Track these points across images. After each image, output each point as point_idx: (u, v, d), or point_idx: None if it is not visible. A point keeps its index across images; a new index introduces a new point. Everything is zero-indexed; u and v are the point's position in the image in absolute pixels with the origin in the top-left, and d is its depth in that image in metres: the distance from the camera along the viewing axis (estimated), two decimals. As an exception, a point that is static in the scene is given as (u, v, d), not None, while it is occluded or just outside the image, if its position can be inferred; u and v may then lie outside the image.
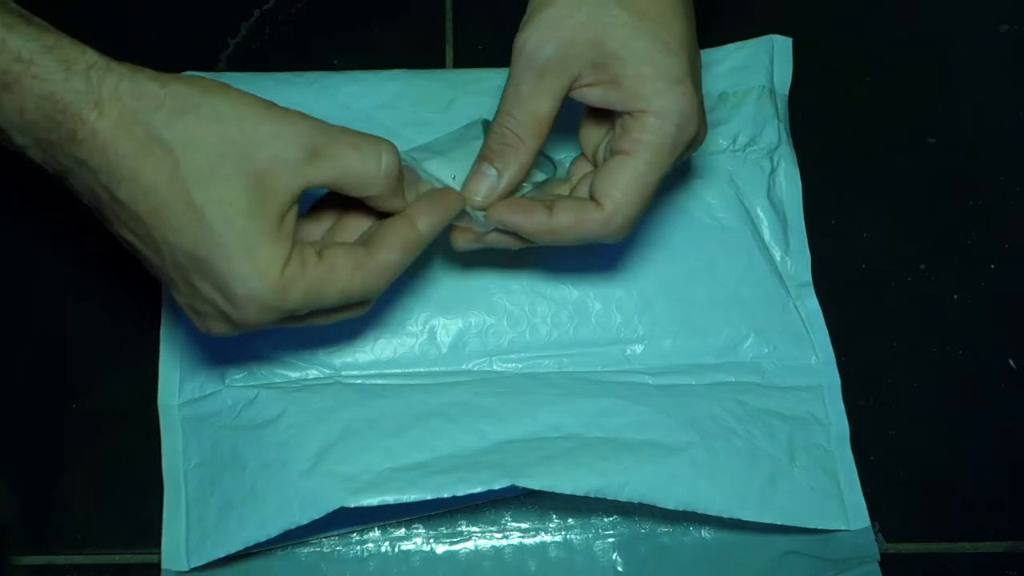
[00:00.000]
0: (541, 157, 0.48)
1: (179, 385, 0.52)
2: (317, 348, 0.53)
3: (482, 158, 0.46)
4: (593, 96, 0.45)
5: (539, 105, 0.45)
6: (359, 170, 0.42)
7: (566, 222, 0.45)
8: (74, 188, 0.41)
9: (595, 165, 0.48)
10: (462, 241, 0.48)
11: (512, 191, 0.47)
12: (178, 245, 0.40)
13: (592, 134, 0.48)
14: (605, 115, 0.47)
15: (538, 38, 0.44)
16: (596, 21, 0.44)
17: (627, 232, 0.46)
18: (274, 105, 0.41)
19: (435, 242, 0.46)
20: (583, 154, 0.49)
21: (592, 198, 0.45)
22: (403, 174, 0.44)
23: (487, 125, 0.48)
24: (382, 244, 0.43)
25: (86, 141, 0.39)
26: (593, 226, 0.45)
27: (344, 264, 0.42)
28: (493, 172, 0.46)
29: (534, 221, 0.45)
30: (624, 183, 0.44)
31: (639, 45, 0.44)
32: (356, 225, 0.46)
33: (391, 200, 0.44)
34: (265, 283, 0.40)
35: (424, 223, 0.44)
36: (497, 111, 0.46)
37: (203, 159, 0.39)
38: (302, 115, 0.41)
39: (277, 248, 0.40)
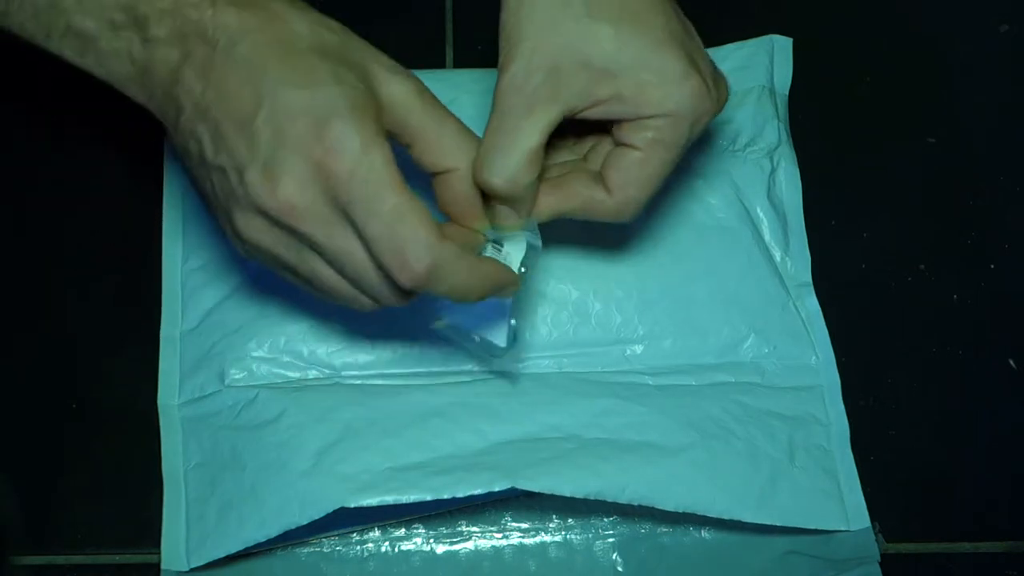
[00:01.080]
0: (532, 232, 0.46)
1: (179, 385, 0.52)
2: (317, 348, 0.53)
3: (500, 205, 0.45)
4: (596, 114, 0.44)
5: (534, 143, 0.43)
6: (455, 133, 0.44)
7: (576, 207, 0.45)
8: (182, 83, 0.40)
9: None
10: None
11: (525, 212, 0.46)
12: (286, 98, 0.39)
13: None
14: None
15: (523, 72, 0.42)
16: (577, 42, 0.42)
17: (635, 218, 0.46)
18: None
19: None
20: None
21: (603, 183, 0.45)
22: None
23: None
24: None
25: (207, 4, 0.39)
26: (603, 211, 0.45)
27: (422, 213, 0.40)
28: (507, 211, 0.45)
29: (549, 205, 0.45)
30: (639, 179, 0.44)
31: (629, 54, 0.42)
32: None
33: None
34: (370, 156, 0.38)
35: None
36: (486, 145, 0.44)
37: (329, 42, 0.40)
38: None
39: (384, 143, 0.39)
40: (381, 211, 0.39)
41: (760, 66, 0.60)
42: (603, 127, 0.46)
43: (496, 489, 0.47)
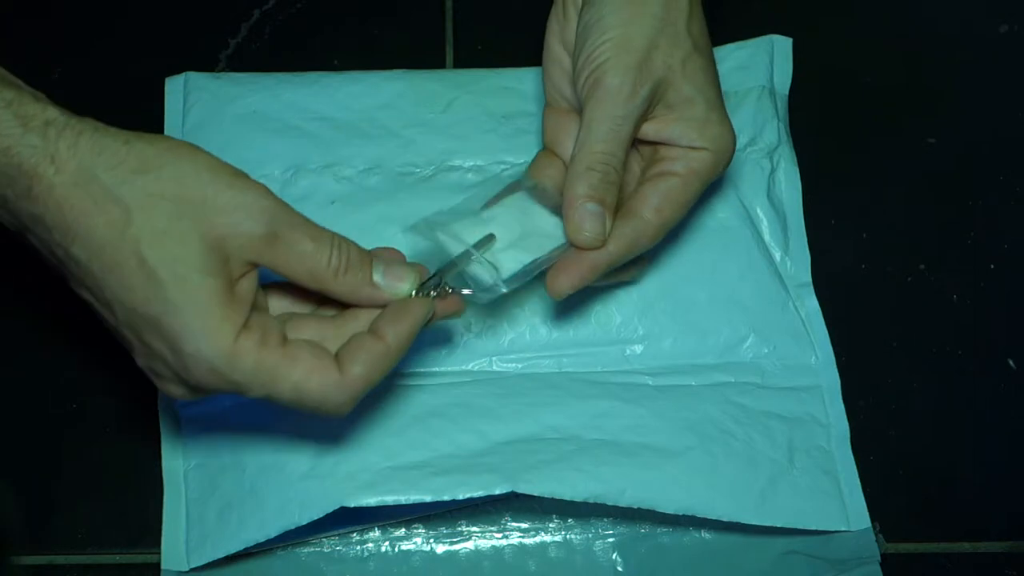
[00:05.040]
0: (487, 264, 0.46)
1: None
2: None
3: (585, 197, 0.46)
4: (650, 130, 0.47)
5: (628, 139, 0.46)
6: (312, 258, 0.41)
7: (621, 249, 0.47)
8: (34, 246, 0.40)
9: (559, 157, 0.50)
10: (563, 287, 0.47)
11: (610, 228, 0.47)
12: (130, 304, 0.39)
13: (564, 135, 0.49)
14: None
15: (623, 71, 0.45)
16: (667, 54, 0.46)
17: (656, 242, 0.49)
18: (241, 175, 0.40)
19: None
20: (547, 148, 0.50)
21: (635, 214, 0.47)
22: (362, 267, 0.42)
23: (519, 183, 0.49)
24: (347, 357, 0.41)
25: (41, 197, 0.38)
26: (645, 242, 0.47)
27: (306, 360, 0.40)
28: (597, 207, 0.46)
29: (596, 266, 0.47)
30: (676, 203, 0.47)
31: (702, 86, 0.47)
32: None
33: (345, 289, 0.42)
34: (214, 345, 0.39)
35: (392, 335, 0.41)
36: (588, 147, 0.46)
37: (158, 218, 0.38)
38: (267, 191, 0.40)
39: (231, 312, 0.39)
40: (281, 395, 0.40)
41: (760, 66, 0.60)
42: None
43: (496, 493, 0.47)
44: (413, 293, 0.43)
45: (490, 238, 0.46)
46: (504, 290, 0.46)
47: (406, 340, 0.42)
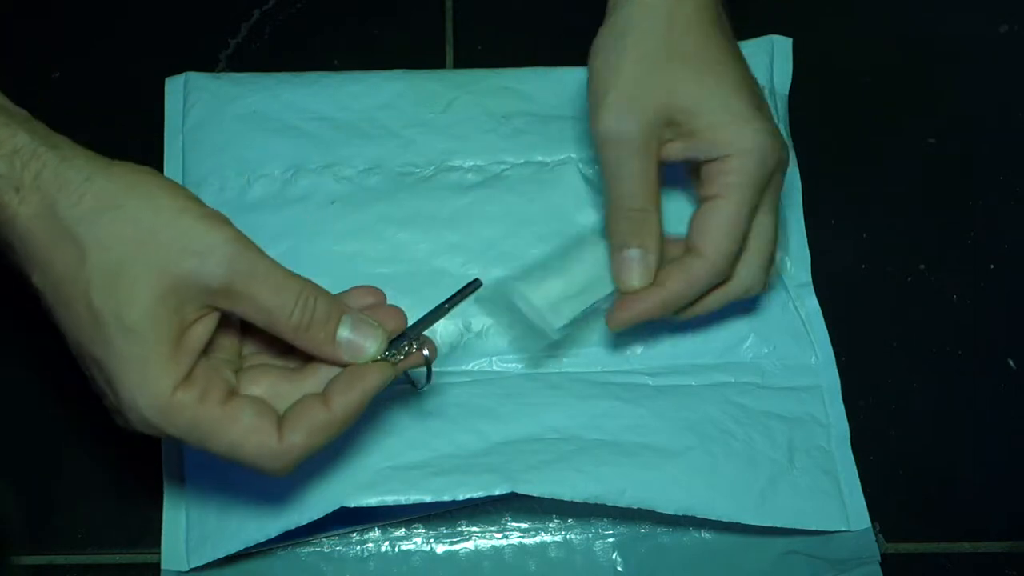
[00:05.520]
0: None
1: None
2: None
3: (619, 245, 0.48)
4: (675, 151, 0.48)
5: (649, 176, 0.47)
6: (272, 313, 0.40)
7: (679, 287, 0.47)
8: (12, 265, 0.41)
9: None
10: (618, 322, 0.49)
11: (658, 264, 0.48)
12: (77, 340, 0.39)
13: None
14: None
15: (620, 119, 0.46)
16: (665, 82, 0.46)
17: (737, 271, 0.49)
18: (209, 216, 0.39)
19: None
20: None
21: (691, 249, 0.48)
22: (326, 324, 0.41)
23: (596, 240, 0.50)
24: (289, 423, 0.40)
25: (6, 224, 0.38)
26: (703, 275, 0.47)
27: (246, 422, 0.39)
28: (637, 252, 0.47)
29: (653, 305, 0.48)
30: (720, 226, 0.47)
31: (708, 95, 0.47)
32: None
33: (306, 345, 0.41)
34: (149, 399, 0.38)
35: (339, 404, 0.40)
36: (610, 198, 0.48)
37: (110, 261, 0.38)
38: (234, 236, 0.39)
39: (172, 365, 0.38)
40: (217, 452, 0.40)
41: (760, 66, 0.60)
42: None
43: (496, 493, 0.47)
44: (378, 356, 0.42)
45: (474, 283, 0.45)
46: (555, 337, 0.49)
47: (355, 410, 0.41)
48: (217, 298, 0.39)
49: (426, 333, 0.44)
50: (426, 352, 0.43)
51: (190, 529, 0.49)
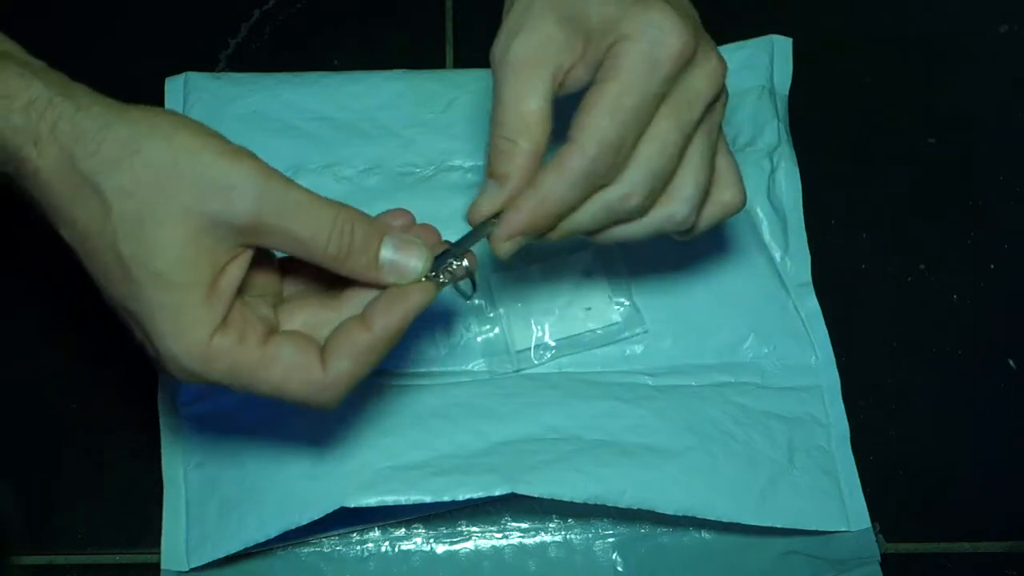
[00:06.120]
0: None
1: (179, 385, 0.52)
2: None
3: (486, 176, 0.43)
4: (578, 76, 0.42)
5: (522, 104, 0.41)
6: (308, 244, 0.38)
7: (551, 182, 0.41)
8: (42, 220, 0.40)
9: None
10: (503, 250, 0.43)
11: (516, 196, 0.42)
12: (110, 294, 0.38)
13: None
14: None
15: (504, 40, 0.42)
16: (561, 5, 0.41)
17: (662, 200, 0.42)
18: (232, 151, 0.37)
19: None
20: None
21: (567, 139, 0.41)
22: (366, 250, 0.39)
23: None
24: (332, 351, 0.39)
25: (30, 178, 0.37)
26: (575, 164, 0.40)
27: (287, 361, 0.38)
28: (493, 183, 0.42)
29: (529, 213, 0.41)
30: (595, 108, 0.40)
31: (610, 9, 0.41)
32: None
33: (348, 272, 0.40)
34: (186, 347, 0.37)
35: (380, 325, 0.39)
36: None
37: (134, 209, 0.36)
38: (259, 169, 0.37)
39: (207, 312, 0.37)
40: (264, 390, 0.39)
41: (760, 66, 0.60)
42: None
43: (496, 494, 0.47)
44: (424, 275, 0.40)
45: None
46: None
47: (397, 331, 0.39)
48: (248, 235, 0.38)
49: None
50: (466, 263, 0.42)
51: (190, 529, 0.49)
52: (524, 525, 0.52)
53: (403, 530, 0.51)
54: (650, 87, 0.40)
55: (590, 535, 0.52)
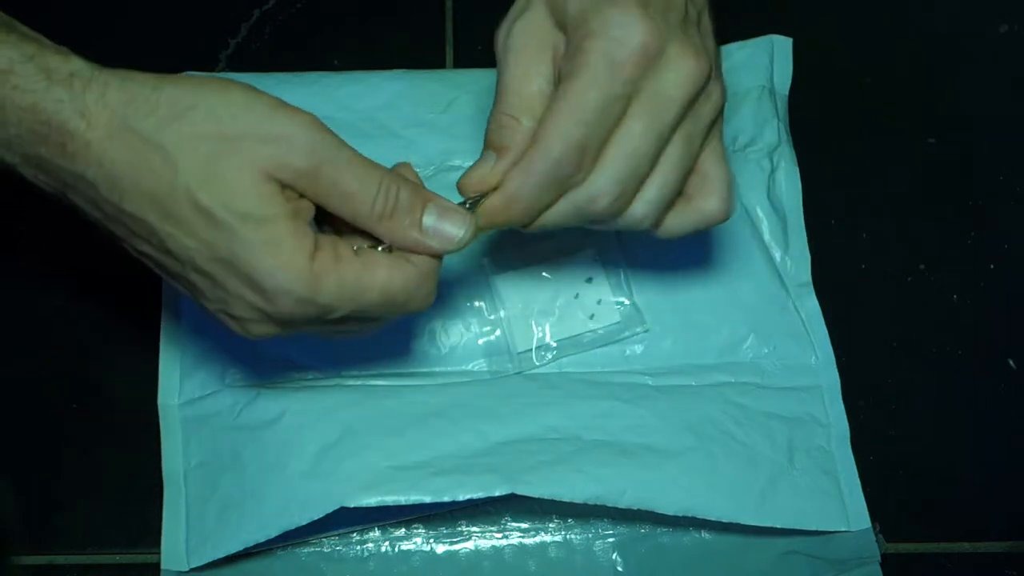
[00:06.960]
0: None
1: (179, 385, 0.52)
2: (318, 349, 0.53)
3: (484, 148, 0.44)
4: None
5: (525, 85, 0.42)
6: (355, 198, 0.39)
7: (516, 183, 0.42)
8: (76, 205, 0.39)
9: None
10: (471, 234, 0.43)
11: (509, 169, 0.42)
12: (196, 249, 0.38)
13: None
14: None
15: (507, 23, 0.43)
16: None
17: (633, 201, 0.43)
18: (282, 106, 0.38)
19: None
20: None
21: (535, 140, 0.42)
22: (410, 212, 0.41)
23: None
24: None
25: (79, 154, 0.37)
26: (538, 163, 0.41)
27: (385, 262, 0.40)
28: (490, 154, 0.43)
29: (498, 210, 0.42)
30: (558, 108, 0.40)
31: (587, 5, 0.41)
32: None
33: (390, 234, 0.41)
34: (294, 273, 0.38)
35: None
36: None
37: (204, 159, 0.37)
38: (311, 122, 0.39)
39: (299, 238, 0.38)
40: (371, 304, 0.40)
41: (760, 66, 0.60)
42: None
43: (496, 494, 0.47)
44: (467, 244, 0.42)
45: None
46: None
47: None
48: (305, 184, 0.38)
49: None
50: None
51: (190, 529, 0.49)
52: (524, 525, 0.52)
53: (403, 530, 0.51)
54: (612, 87, 0.40)
55: (590, 535, 0.52)
